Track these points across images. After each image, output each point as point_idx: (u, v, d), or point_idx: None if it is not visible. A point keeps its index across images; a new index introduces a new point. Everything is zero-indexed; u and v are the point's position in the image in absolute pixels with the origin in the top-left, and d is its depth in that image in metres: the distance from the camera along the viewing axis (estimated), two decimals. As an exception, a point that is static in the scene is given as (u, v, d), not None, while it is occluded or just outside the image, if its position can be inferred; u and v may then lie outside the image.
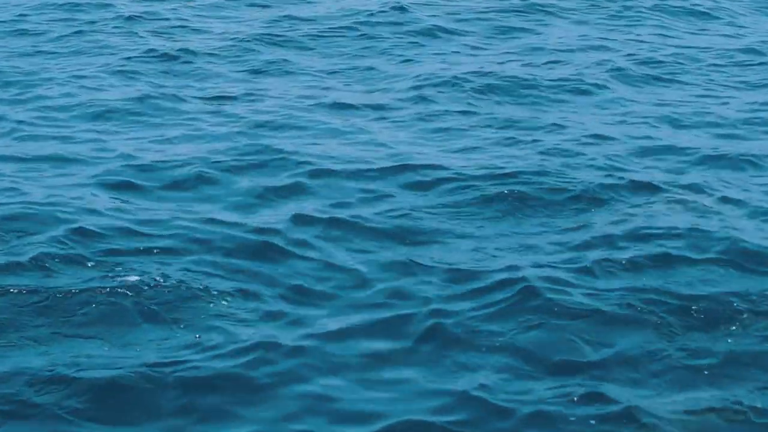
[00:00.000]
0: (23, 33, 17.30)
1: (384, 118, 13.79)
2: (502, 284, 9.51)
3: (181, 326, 8.87)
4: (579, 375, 8.33)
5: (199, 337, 8.71)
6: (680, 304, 9.19)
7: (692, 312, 9.08)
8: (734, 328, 8.88)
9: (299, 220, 10.75)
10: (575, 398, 8.04)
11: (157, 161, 12.17)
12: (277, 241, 10.31)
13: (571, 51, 16.68)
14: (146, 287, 9.34)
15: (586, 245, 10.26)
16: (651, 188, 11.59)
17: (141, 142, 12.85)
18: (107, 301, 9.13)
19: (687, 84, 15.41)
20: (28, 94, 14.53)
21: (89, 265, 9.76)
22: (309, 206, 11.09)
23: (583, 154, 12.48)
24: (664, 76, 15.65)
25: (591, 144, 12.86)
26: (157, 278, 9.48)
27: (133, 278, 9.45)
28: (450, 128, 13.43)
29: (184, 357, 8.45)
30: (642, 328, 8.88)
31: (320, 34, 17.58)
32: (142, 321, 8.94)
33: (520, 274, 9.65)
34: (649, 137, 13.17)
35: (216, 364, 8.39)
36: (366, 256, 10.09)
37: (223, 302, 9.23)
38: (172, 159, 12.24)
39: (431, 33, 17.60)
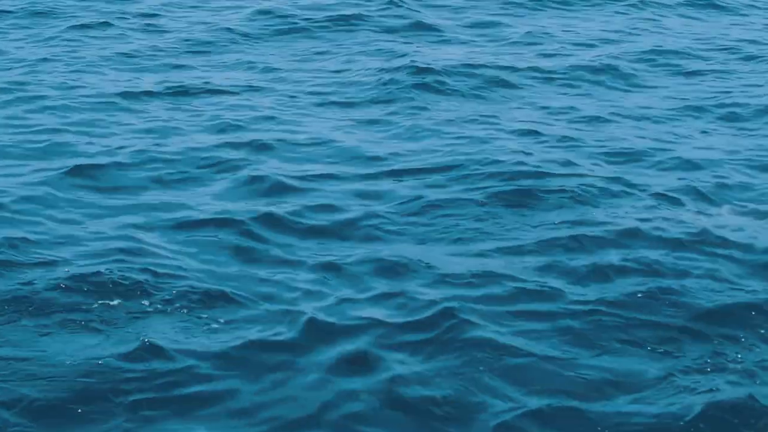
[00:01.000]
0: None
1: (364, 115, 13.47)
2: (486, 289, 9.22)
3: (131, 333, 8.50)
4: (559, 388, 7.96)
5: (151, 343, 8.32)
6: (671, 318, 8.80)
7: (686, 324, 8.69)
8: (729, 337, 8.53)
9: (269, 220, 10.43)
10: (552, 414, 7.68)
11: (119, 161, 11.84)
12: (242, 242, 10.02)
13: (564, 45, 16.43)
14: (101, 290, 9.02)
15: (570, 249, 9.91)
16: (645, 189, 11.26)
17: (110, 140, 12.50)
18: (60, 305, 8.85)
19: (689, 79, 15.15)
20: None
21: (32, 269, 9.39)
22: (280, 207, 10.71)
23: (576, 153, 12.17)
24: (658, 72, 15.40)
25: (581, 143, 12.52)
26: (113, 282, 9.12)
27: (89, 282, 9.10)
28: (434, 125, 13.10)
29: (136, 366, 8.09)
30: (634, 341, 8.51)
31: (309, 27, 17.35)
32: (93, 327, 8.60)
33: (504, 279, 9.37)
34: (642, 136, 12.83)
35: (173, 372, 8.07)
36: (344, 257, 9.78)
37: (187, 306, 8.89)
38: (137, 157, 11.93)
39: (423, 27, 17.36)
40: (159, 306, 8.87)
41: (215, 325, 8.65)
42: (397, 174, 11.57)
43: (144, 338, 8.34)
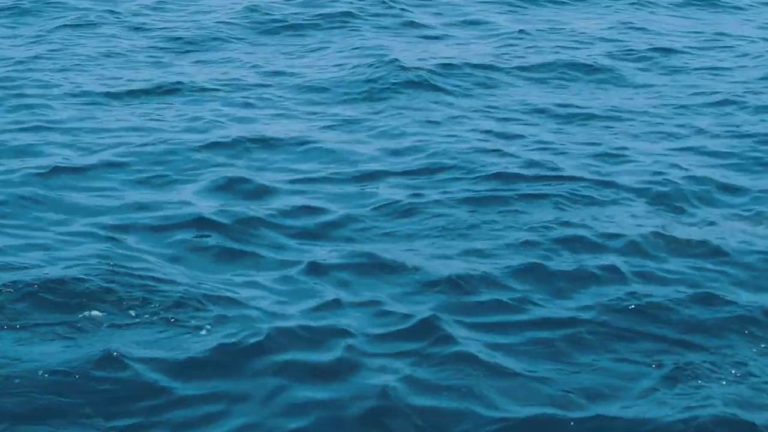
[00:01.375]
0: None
1: (350, 114, 13.31)
2: (469, 297, 9.03)
3: (110, 342, 8.26)
4: (544, 401, 7.75)
5: (130, 353, 8.12)
6: (660, 329, 8.57)
7: (676, 336, 8.47)
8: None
9: (250, 223, 10.26)
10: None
11: (100, 161, 11.67)
12: (222, 245, 9.86)
13: (557, 44, 16.34)
14: (79, 297, 8.81)
15: (557, 255, 9.72)
16: (637, 193, 11.10)
17: (91, 140, 12.32)
18: (36, 312, 8.66)
19: (684, 78, 15.02)
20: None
21: (7, 273, 9.14)
22: (262, 209, 10.52)
23: (567, 155, 12.02)
24: (654, 71, 15.29)
25: (572, 145, 12.37)
26: (92, 288, 8.90)
27: (67, 288, 8.90)
28: (422, 125, 12.92)
29: (114, 376, 7.89)
30: (621, 353, 8.31)
31: (298, 24, 17.27)
32: (70, 336, 8.38)
33: (489, 286, 9.19)
34: (636, 136, 12.70)
35: (152, 383, 7.88)
36: (325, 261, 9.59)
37: (167, 312, 8.69)
38: (119, 158, 11.77)
39: (413, 25, 17.35)
40: (138, 312, 8.67)
41: (202, 332, 8.46)
42: (381, 175, 11.39)
43: (123, 347, 8.13)
